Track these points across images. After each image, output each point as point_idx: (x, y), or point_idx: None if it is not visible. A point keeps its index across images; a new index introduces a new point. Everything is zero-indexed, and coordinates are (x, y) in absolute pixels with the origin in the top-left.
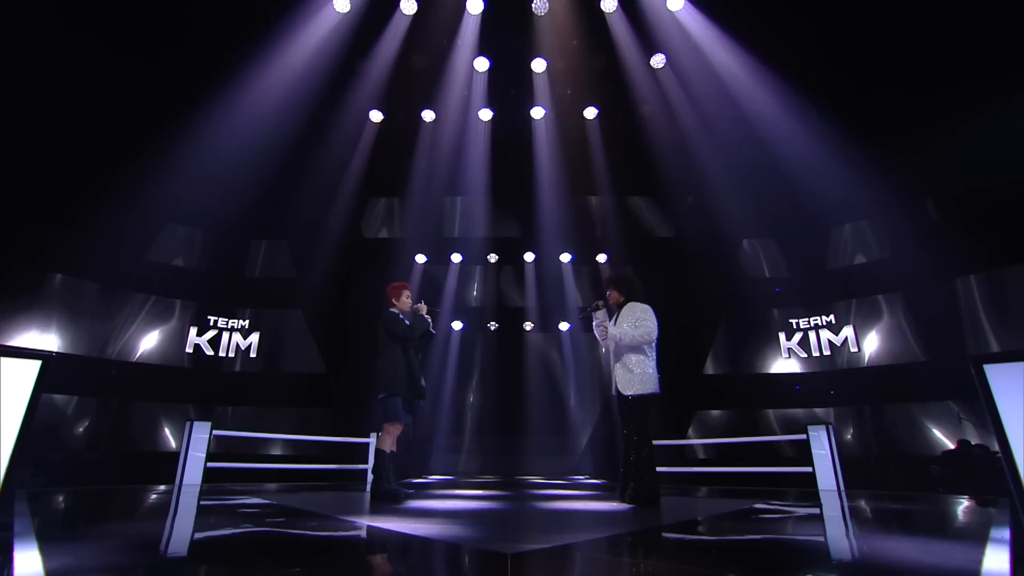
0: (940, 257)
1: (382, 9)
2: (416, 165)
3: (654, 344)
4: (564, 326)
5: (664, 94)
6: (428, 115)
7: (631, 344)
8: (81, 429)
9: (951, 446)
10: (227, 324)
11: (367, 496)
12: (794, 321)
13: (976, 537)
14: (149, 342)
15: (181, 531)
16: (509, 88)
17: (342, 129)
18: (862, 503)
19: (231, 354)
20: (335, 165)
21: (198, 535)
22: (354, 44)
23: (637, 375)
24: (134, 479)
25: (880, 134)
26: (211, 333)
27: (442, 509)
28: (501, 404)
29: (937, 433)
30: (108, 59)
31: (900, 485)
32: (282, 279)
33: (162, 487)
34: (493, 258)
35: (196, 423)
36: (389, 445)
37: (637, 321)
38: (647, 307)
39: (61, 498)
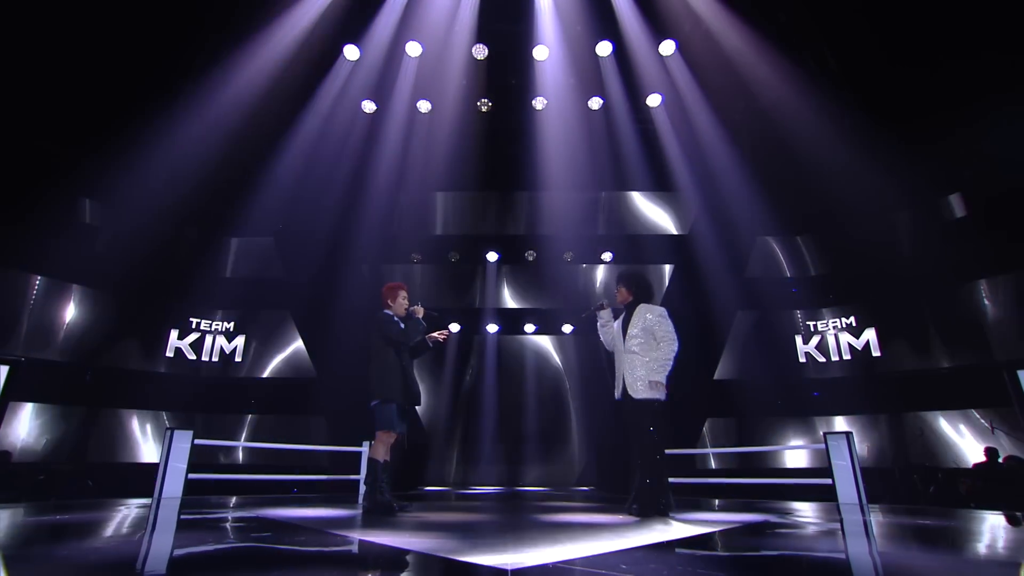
0: (967, 256)
1: None
2: (411, 159)
3: None
4: (567, 328)
5: (674, 83)
6: (424, 105)
7: (665, 365)
8: (52, 439)
9: (981, 458)
10: (210, 326)
11: (359, 508)
12: (811, 323)
13: (1011, 558)
14: (126, 346)
15: (160, 547)
16: (509, 77)
17: (332, 121)
18: (886, 518)
19: (215, 358)
20: (325, 158)
21: (178, 551)
22: (344, 31)
23: (647, 378)
24: (110, 492)
25: (904, 125)
26: (193, 336)
27: (438, 522)
28: (500, 411)
29: (965, 443)
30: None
31: (926, 499)
32: (268, 279)
33: (140, 500)
34: (492, 257)
35: (177, 432)
36: (382, 454)
37: (657, 333)
38: (662, 311)
39: (30, 513)
